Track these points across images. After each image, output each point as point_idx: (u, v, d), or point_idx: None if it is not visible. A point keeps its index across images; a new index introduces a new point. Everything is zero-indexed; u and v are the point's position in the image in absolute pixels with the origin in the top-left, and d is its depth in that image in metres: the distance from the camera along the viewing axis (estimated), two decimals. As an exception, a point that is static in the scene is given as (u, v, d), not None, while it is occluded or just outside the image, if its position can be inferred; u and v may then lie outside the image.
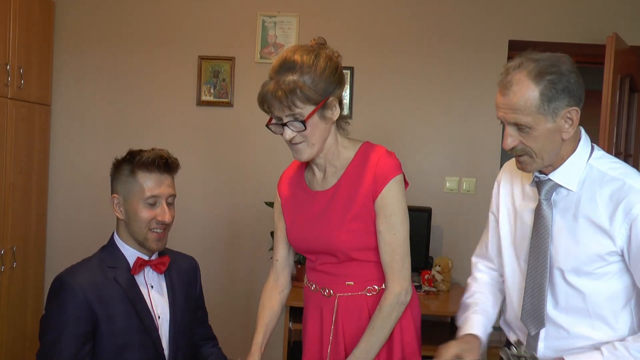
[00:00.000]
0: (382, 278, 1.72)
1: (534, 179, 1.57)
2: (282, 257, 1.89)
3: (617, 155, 3.32)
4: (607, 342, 1.51)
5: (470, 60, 3.48)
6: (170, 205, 1.79)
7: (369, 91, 3.53)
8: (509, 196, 1.68)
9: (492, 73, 3.52)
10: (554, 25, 3.46)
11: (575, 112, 1.45)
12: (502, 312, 1.79)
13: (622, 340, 1.50)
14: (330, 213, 1.69)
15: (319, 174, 1.76)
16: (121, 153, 1.80)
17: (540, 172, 1.55)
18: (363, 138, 1.82)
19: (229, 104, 3.55)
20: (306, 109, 1.58)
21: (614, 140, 3.25)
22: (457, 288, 3.27)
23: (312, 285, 1.81)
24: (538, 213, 1.55)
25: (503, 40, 3.48)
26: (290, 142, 1.64)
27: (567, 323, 1.55)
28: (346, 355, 1.72)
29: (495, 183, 1.75)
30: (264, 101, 1.60)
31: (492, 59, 3.45)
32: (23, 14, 3.09)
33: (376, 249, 1.70)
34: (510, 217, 1.67)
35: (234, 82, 3.54)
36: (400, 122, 3.53)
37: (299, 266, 3.29)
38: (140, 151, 1.76)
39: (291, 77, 1.56)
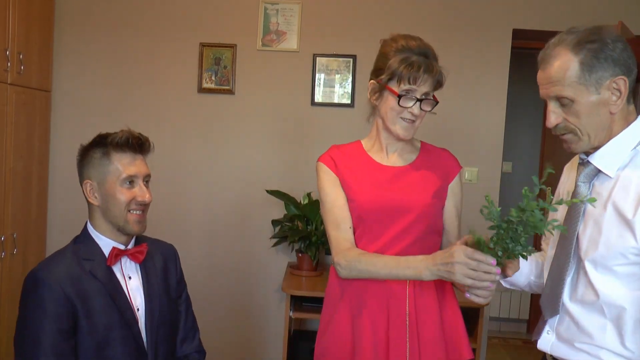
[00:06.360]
0: None
1: (579, 162, 1.46)
2: (351, 225, 1.84)
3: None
4: (610, 352, 1.37)
5: (474, 49, 3.45)
6: (146, 185, 1.72)
7: (372, 79, 3.50)
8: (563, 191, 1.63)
9: (496, 62, 3.50)
10: (559, 13, 3.42)
11: (622, 82, 1.34)
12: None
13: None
14: (415, 183, 1.80)
15: (390, 154, 1.85)
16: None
17: (586, 152, 1.42)
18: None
19: (231, 92, 3.54)
20: None
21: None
22: (458, 278, 3.26)
23: None
24: (573, 197, 1.44)
25: (507, 28, 3.44)
26: None
27: (579, 315, 1.43)
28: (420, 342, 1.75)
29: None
30: None
31: (496, 48, 3.42)
32: (23, -2, 3.06)
33: (436, 234, 1.83)
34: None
35: (235, 69, 3.52)
36: (403, 110, 3.51)
37: (300, 255, 3.29)
38: (110, 133, 1.69)
39: None
